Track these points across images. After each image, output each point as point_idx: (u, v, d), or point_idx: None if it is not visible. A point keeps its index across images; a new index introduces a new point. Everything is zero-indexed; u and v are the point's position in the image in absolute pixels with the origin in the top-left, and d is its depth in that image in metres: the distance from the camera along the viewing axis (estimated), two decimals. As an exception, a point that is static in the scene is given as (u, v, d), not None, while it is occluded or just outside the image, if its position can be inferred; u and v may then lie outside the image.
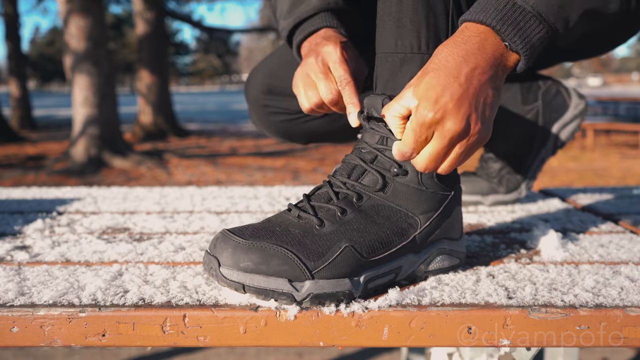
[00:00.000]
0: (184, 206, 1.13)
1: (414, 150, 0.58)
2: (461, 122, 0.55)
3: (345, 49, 0.77)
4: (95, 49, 6.29)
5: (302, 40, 0.85)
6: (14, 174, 5.78)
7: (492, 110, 0.58)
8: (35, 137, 9.86)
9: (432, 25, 0.64)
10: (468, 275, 0.65)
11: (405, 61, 0.65)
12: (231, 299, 0.57)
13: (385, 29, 0.66)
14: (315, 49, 0.78)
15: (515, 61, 0.59)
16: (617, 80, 66.78)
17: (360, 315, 0.55)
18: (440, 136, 0.56)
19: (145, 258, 0.73)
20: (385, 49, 0.66)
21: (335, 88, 0.75)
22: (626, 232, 0.88)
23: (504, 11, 0.58)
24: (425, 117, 0.55)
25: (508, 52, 0.58)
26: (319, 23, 0.84)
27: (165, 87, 9.98)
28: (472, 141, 0.57)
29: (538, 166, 1.04)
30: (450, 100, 0.55)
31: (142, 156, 6.53)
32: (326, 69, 0.76)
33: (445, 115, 0.55)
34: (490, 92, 0.57)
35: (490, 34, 0.58)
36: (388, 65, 0.66)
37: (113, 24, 26.37)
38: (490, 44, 0.58)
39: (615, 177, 5.21)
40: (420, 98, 0.56)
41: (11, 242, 0.82)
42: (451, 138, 0.56)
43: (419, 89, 0.57)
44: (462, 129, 0.56)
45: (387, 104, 0.61)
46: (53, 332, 0.55)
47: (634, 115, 10.30)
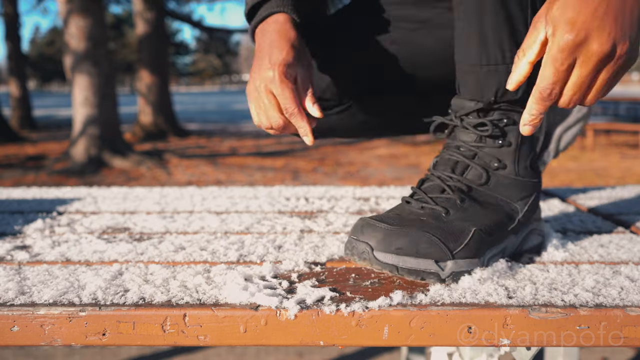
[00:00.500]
0: (184, 206, 1.13)
1: (557, 83, 0.54)
2: (607, 41, 0.51)
3: (291, 52, 0.75)
4: (95, 49, 6.28)
5: (255, 26, 0.82)
6: (14, 174, 5.78)
7: (639, 27, 0.53)
8: (35, 137, 9.86)
9: (513, 35, 0.66)
10: (468, 275, 0.65)
11: (491, 72, 0.68)
12: (231, 298, 0.57)
13: (469, 42, 0.69)
14: (260, 53, 0.76)
15: None
16: (617, 81, 66.48)
17: (361, 315, 0.55)
18: (585, 61, 0.52)
19: (146, 258, 0.73)
20: (470, 60, 0.69)
21: (281, 117, 0.74)
22: (626, 232, 0.88)
23: None
24: (566, 41, 0.51)
25: None
26: (271, 7, 0.80)
27: (165, 87, 9.98)
28: (620, 64, 0.53)
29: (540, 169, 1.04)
30: (592, 18, 0.50)
31: (142, 156, 6.53)
32: (271, 96, 0.74)
33: (588, 35, 0.51)
34: (636, 5, 0.52)
35: None
36: (474, 76, 0.69)
37: (113, 24, 26.37)
38: None
39: (615, 177, 5.21)
40: (556, 21, 0.52)
41: (11, 242, 0.82)
42: (597, 61, 0.52)
43: (552, 13, 0.52)
44: (609, 49, 0.51)
45: (520, 48, 0.57)
46: (53, 332, 0.55)
47: (634, 115, 10.31)
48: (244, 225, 0.93)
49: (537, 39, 0.54)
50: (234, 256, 0.74)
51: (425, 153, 7.13)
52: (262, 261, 0.72)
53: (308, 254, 0.75)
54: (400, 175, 5.39)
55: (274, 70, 0.72)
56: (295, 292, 0.59)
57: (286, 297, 0.57)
